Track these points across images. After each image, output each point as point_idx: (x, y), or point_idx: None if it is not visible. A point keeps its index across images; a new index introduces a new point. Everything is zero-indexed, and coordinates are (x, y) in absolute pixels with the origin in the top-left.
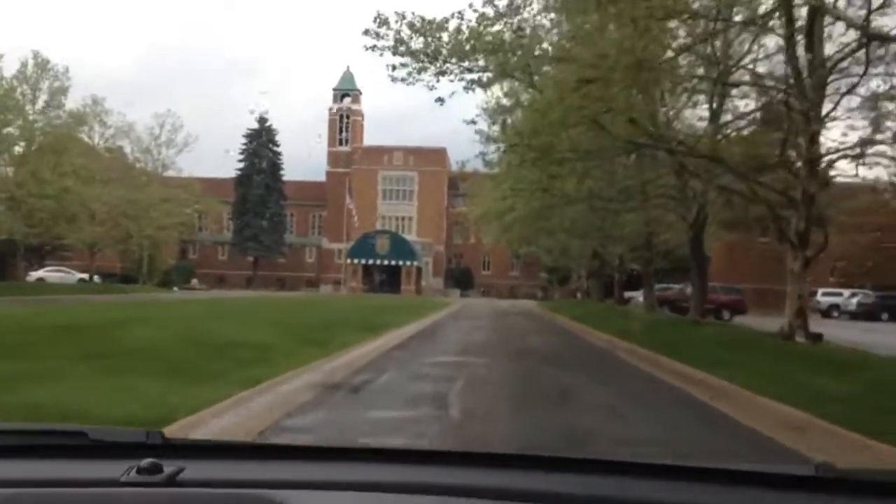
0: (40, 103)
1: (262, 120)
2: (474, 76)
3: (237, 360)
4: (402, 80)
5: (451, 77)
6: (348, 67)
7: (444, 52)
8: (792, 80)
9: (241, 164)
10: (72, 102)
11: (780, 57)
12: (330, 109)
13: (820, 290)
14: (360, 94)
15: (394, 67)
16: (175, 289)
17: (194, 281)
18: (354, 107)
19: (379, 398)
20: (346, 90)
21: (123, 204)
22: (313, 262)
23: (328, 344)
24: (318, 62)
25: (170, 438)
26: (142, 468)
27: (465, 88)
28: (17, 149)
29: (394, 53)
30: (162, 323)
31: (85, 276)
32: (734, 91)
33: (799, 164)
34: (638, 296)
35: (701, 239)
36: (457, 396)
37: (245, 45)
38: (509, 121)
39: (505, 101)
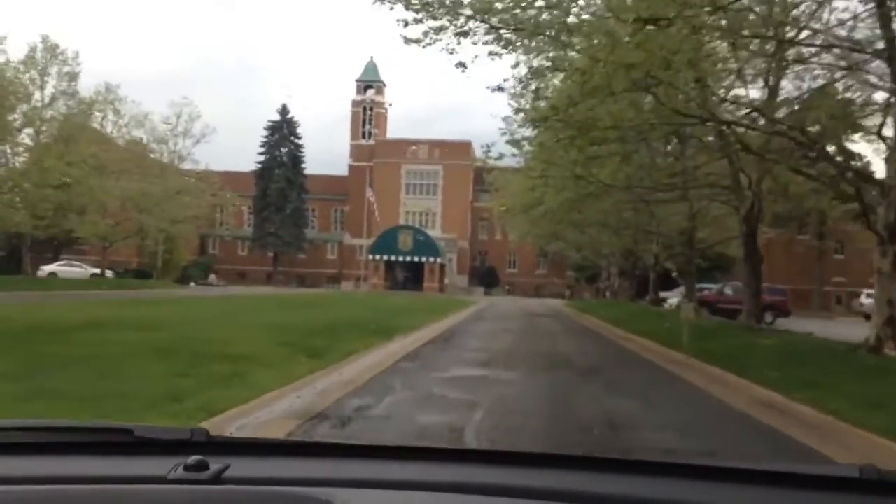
0: (49, 89)
1: (283, 111)
2: (502, 32)
3: (207, 376)
4: (417, 41)
5: (474, 39)
6: (372, 58)
7: (467, 6)
8: (883, 45)
9: (262, 157)
10: (86, 93)
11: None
12: (353, 101)
13: (865, 292)
14: (384, 85)
15: (406, 23)
16: (192, 284)
17: (212, 276)
18: (378, 98)
19: (372, 435)
20: (370, 81)
21: (136, 196)
22: (335, 258)
23: (327, 353)
24: (341, 53)
25: (214, 436)
26: (188, 465)
27: (491, 54)
28: (27, 139)
29: (406, 7)
30: (147, 324)
31: (97, 270)
32: (794, 66)
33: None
34: (672, 296)
35: (755, 234)
36: (475, 432)
37: (266, 36)
38: (542, 89)
39: (537, 63)
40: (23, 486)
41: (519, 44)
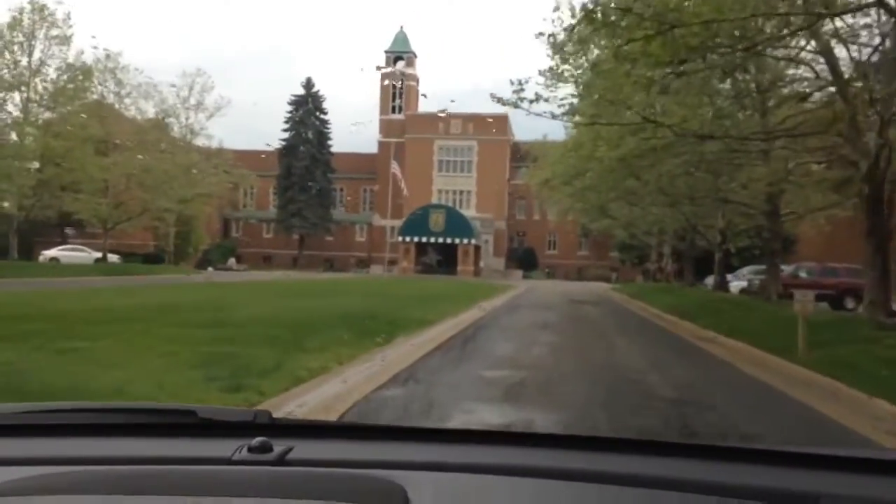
0: (37, 54)
1: (308, 85)
2: None
3: None
4: None
5: None
6: (402, 28)
7: None
8: None
9: (287, 135)
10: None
11: None
12: (382, 74)
13: None
14: (415, 56)
15: None
16: (209, 269)
17: (231, 260)
18: (409, 70)
19: None
20: (400, 52)
21: (139, 173)
22: (364, 240)
23: (269, 378)
24: (371, 23)
25: (277, 418)
26: (252, 447)
27: None
28: (14, 110)
29: None
30: (61, 326)
31: (102, 255)
32: None
33: None
34: (734, 281)
35: (881, 198)
36: None
37: (293, 13)
38: None
39: None
40: (87, 467)
41: None
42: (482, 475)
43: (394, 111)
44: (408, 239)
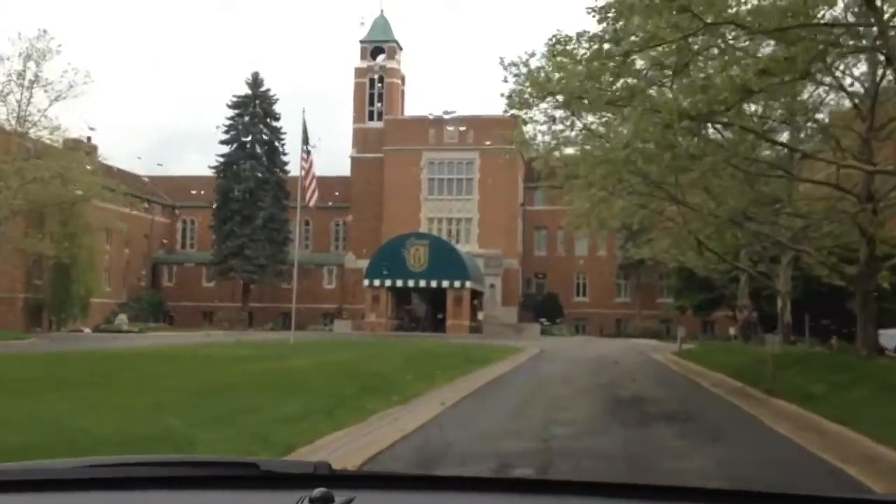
0: None
1: (254, 83)
2: None
3: None
4: None
5: None
6: (382, 12)
7: None
8: None
9: (226, 149)
10: None
11: None
12: (356, 70)
13: None
14: (399, 48)
15: None
16: (85, 330)
17: (120, 318)
18: (390, 65)
19: None
20: (379, 42)
21: None
22: (334, 287)
23: None
24: (342, 6)
25: (337, 470)
26: (314, 498)
27: None
28: None
29: None
30: None
31: None
32: None
33: None
34: None
35: None
36: None
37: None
38: None
39: None
40: None
41: None
42: None
43: (371, 118)
44: (377, 283)
